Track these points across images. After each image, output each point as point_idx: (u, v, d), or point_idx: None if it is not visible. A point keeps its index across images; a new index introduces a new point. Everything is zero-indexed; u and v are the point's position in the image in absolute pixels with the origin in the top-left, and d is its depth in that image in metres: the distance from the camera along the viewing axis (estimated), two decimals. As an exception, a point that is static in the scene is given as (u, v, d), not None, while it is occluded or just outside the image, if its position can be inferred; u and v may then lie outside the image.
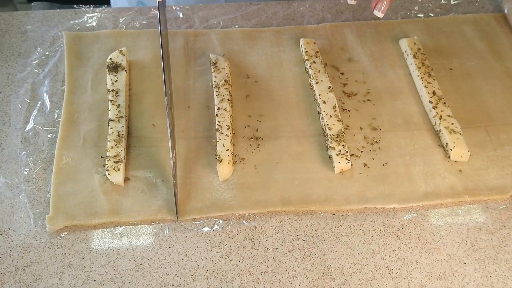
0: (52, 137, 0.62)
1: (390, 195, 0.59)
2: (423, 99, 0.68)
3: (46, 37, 0.74)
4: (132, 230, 0.55)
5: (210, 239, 0.55)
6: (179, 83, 0.69)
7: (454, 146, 0.62)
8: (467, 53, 0.75)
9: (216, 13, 0.79)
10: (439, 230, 0.57)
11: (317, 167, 0.61)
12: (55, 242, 0.54)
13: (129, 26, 0.76)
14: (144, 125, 0.64)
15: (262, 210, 0.57)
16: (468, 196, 0.59)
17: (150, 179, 0.59)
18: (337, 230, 0.56)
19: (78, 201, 0.57)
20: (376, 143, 0.63)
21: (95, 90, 0.67)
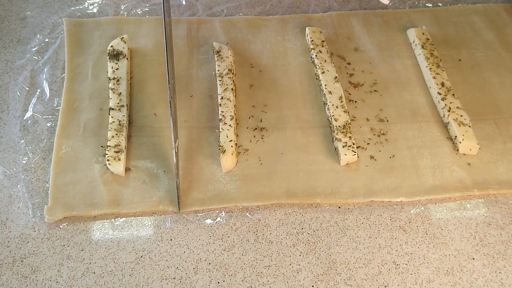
0: (52, 126, 0.61)
1: (397, 188, 0.57)
2: (431, 91, 0.66)
3: (46, 23, 0.72)
4: (133, 221, 0.54)
5: (212, 231, 0.54)
6: (182, 72, 0.67)
7: (463, 139, 0.60)
8: (476, 44, 0.73)
9: (220, 0, 0.77)
10: (447, 225, 0.55)
11: (323, 159, 0.59)
12: (54, 233, 0.53)
13: (131, 13, 0.74)
14: (145, 114, 0.62)
15: (266, 202, 0.56)
16: (477, 190, 0.58)
17: (152, 169, 0.58)
18: (343, 224, 0.55)
19: (77, 191, 0.55)
20: (383, 135, 0.62)
21: (96, 78, 0.65)
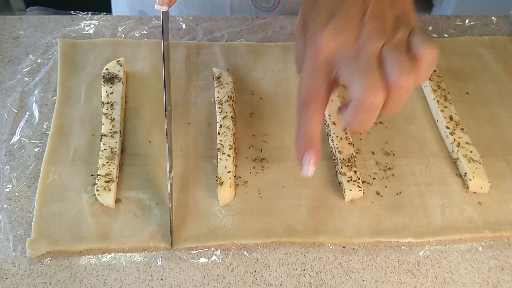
0: (39, 151, 0.57)
1: (404, 228, 0.54)
2: (438, 124, 0.64)
3: (40, 43, 0.69)
4: (122, 258, 0.50)
5: (207, 271, 0.50)
6: (179, 98, 0.64)
7: (473, 176, 0.57)
8: (484, 76, 0.71)
9: (221, 25, 0.75)
10: (458, 269, 0.52)
11: (326, 194, 0.56)
12: (35, 269, 0.49)
13: (128, 35, 0.72)
14: (139, 142, 0.59)
15: (265, 240, 0.52)
16: (489, 231, 0.54)
17: (144, 201, 0.54)
18: (347, 266, 0.51)
19: (63, 223, 0.51)
20: (389, 169, 0.59)
21: (89, 102, 0.62)
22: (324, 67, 0.47)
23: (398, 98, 0.45)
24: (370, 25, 0.46)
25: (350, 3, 0.48)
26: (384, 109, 0.46)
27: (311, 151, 0.48)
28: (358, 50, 0.45)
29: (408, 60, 0.44)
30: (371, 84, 0.43)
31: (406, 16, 0.47)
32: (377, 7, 0.47)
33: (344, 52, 0.46)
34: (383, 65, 0.45)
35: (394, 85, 0.43)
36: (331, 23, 0.47)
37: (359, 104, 0.44)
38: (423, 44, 0.44)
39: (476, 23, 0.79)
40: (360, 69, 0.44)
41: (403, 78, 0.43)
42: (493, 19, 0.79)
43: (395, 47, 0.45)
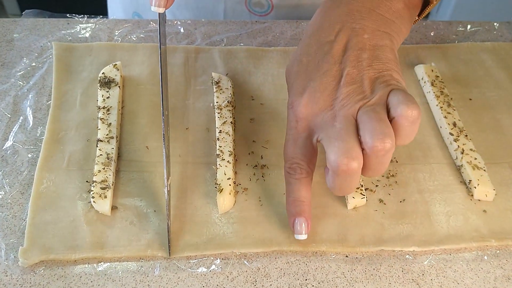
0: (33, 157, 0.56)
1: (409, 236, 0.53)
2: (442, 131, 0.62)
3: (34, 47, 0.68)
4: (118, 267, 0.48)
5: (206, 281, 0.48)
6: (177, 103, 0.63)
7: (478, 184, 0.56)
8: (487, 83, 0.70)
9: (220, 29, 0.73)
10: (463, 278, 0.50)
11: (328, 202, 0.55)
12: (28, 279, 0.47)
13: (125, 39, 0.70)
14: (136, 148, 0.58)
15: (266, 249, 0.51)
16: (495, 240, 0.53)
17: (141, 208, 0.52)
18: (350, 275, 0.50)
19: (57, 231, 0.50)
20: (393, 176, 0.58)
21: (84, 107, 0.61)
22: (304, 134, 0.48)
23: (377, 162, 0.44)
24: (345, 90, 0.46)
25: (326, 68, 0.48)
26: (365, 172, 0.45)
27: (301, 218, 0.49)
28: (335, 115, 0.46)
29: (384, 122, 0.43)
30: (345, 150, 0.43)
31: (386, 76, 0.46)
32: (354, 70, 0.47)
33: (322, 119, 0.47)
34: (359, 129, 0.44)
35: (370, 150, 0.43)
36: (307, 91, 0.48)
37: (334, 171, 0.44)
38: (402, 104, 0.43)
39: (478, 29, 0.78)
40: (336, 135, 0.44)
41: (377, 142, 0.42)
42: (495, 25, 0.79)
43: (371, 109, 0.44)
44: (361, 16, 0.49)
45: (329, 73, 0.47)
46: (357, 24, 0.49)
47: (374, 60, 0.47)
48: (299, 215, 0.49)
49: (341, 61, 0.48)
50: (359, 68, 0.47)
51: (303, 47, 0.51)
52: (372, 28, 0.49)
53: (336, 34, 0.49)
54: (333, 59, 0.48)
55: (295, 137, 0.49)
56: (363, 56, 0.47)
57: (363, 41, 0.48)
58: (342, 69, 0.47)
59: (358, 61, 0.47)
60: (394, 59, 0.48)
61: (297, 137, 0.48)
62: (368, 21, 0.49)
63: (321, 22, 0.51)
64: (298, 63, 0.50)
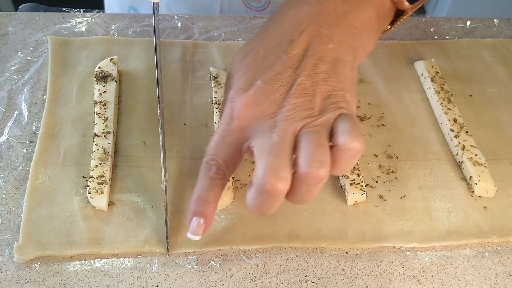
0: (28, 152, 0.55)
1: (409, 232, 0.52)
2: (442, 127, 0.62)
3: (29, 41, 0.67)
4: (115, 263, 0.48)
5: (204, 277, 0.47)
6: (175, 98, 0.62)
7: (479, 180, 0.55)
8: (487, 79, 0.69)
9: (218, 24, 0.73)
10: (464, 275, 0.50)
11: (328, 198, 0.54)
12: (24, 275, 0.46)
13: (122, 33, 0.69)
14: (133, 143, 0.57)
15: (265, 245, 0.50)
16: (496, 237, 0.53)
17: (138, 204, 0.52)
18: (351, 272, 0.49)
19: (53, 227, 0.49)
20: (393, 172, 0.57)
21: (80, 102, 0.60)
22: (235, 135, 0.44)
23: (306, 189, 0.40)
24: (294, 101, 0.42)
25: (279, 69, 0.44)
26: (289, 197, 0.41)
27: (200, 217, 0.45)
28: (273, 127, 0.41)
29: (323, 149, 0.40)
30: (274, 168, 0.39)
31: (338, 96, 0.43)
32: (308, 80, 0.43)
33: (260, 125, 0.42)
34: (296, 149, 0.40)
35: (302, 175, 0.39)
36: (252, 89, 0.43)
37: (258, 187, 0.40)
38: (347, 135, 0.40)
39: (477, 25, 0.77)
40: (270, 148, 0.40)
41: (312, 169, 0.39)
42: (495, 21, 0.78)
43: (315, 131, 0.41)
44: (330, 21, 0.46)
45: (281, 76, 0.43)
46: (325, 29, 0.45)
47: (332, 76, 0.43)
48: (200, 215, 0.45)
49: (297, 67, 0.44)
50: (314, 80, 0.43)
51: (263, 38, 0.47)
52: (339, 38, 0.45)
53: (301, 33, 0.45)
54: (289, 61, 0.44)
55: (225, 135, 0.44)
56: (321, 68, 0.44)
57: (326, 50, 0.44)
58: (296, 75, 0.43)
59: (314, 72, 0.43)
60: (351, 78, 0.45)
61: (226, 135, 0.44)
62: (337, 28, 0.46)
63: (289, 15, 0.47)
64: (253, 54, 0.46)
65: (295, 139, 0.41)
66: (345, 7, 0.47)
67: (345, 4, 0.47)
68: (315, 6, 0.47)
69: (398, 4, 0.50)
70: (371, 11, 0.48)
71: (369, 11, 0.48)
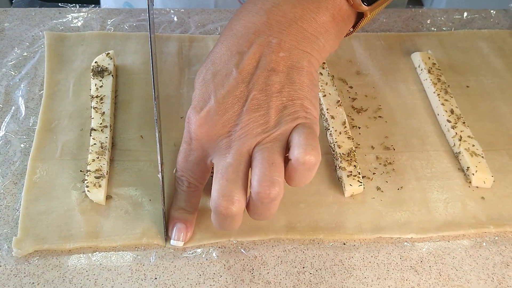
0: (26, 147, 0.55)
1: (406, 223, 0.52)
2: (439, 118, 0.62)
3: (26, 36, 0.67)
4: (113, 257, 0.48)
5: (203, 269, 0.47)
6: (171, 92, 0.62)
7: (476, 170, 0.55)
8: (484, 70, 0.69)
9: (214, 18, 0.73)
10: (462, 265, 0.50)
11: (325, 189, 0.54)
12: (22, 268, 0.46)
13: (118, 28, 0.69)
14: (131, 137, 0.57)
15: (263, 237, 0.50)
16: (493, 227, 0.53)
17: (136, 197, 0.52)
18: (348, 263, 0.49)
19: (51, 221, 0.49)
20: (390, 164, 0.57)
21: (77, 96, 0.60)
22: (196, 153, 0.45)
23: (262, 208, 0.42)
24: (247, 117, 0.42)
25: (231, 86, 0.43)
26: (250, 214, 0.44)
27: (182, 224, 0.47)
28: (229, 147, 0.42)
29: (275, 167, 0.40)
30: (226, 192, 0.41)
31: (296, 106, 0.42)
32: (261, 94, 0.42)
33: (217, 144, 0.43)
34: (252, 168, 0.41)
35: (255, 195, 0.40)
36: (206, 110, 0.43)
37: (213, 210, 0.42)
38: (301, 148, 0.39)
39: (474, 16, 0.77)
40: (223, 171, 0.41)
41: (263, 189, 0.39)
42: (492, 12, 0.78)
43: (267, 149, 0.41)
44: (280, 28, 0.44)
45: (233, 93, 0.43)
46: (274, 38, 0.44)
47: (286, 85, 0.43)
48: (181, 222, 0.47)
49: (249, 81, 0.43)
50: (267, 93, 0.42)
51: (215, 54, 0.46)
52: (290, 45, 0.44)
53: (250, 45, 0.44)
54: (240, 76, 0.43)
55: (187, 153, 0.46)
56: (274, 79, 0.42)
57: (277, 60, 0.43)
58: (249, 91, 0.42)
59: (267, 85, 0.42)
60: (309, 84, 0.44)
61: (189, 153, 0.46)
62: (287, 35, 0.44)
63: (237, 28, 0.46)
64: (205, 70, 0.45)
65: (251, 156, 0.42)
66: (296, 13, 0.45)
67: (296, 9, 0.45)
68: (263, 15, 0.45)
69: (355, 6, 0.47)
70: (326, 15, 0.46)
71: (323, 16, 0.46)
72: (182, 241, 0.47)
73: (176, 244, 0.48)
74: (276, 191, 0.40)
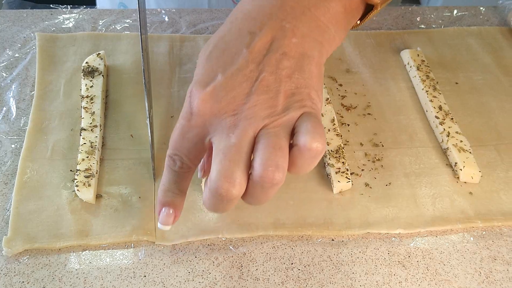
0: (16, 147, 0.55)
1: (395, 219, 0.53)
2: (428, 114, 0.62)
3: (17, 38, 0.67)
4: (103, 255, 0.48)
5: (191, 267, 0.48)
6: (162, 91, 0.62)
7: (464, 166, 0.56)
8: (473, 67, 0.70)
9: (205, 18, 0.73)
10: (449, 260, 0.51)
11: (314, 186, 0.54)
12: (12, 268, 0.47)
13: (109, 29, 0.70)
14: (121, 136, 0.57)
15: (252, 234, 0.50)
16: (481, 222, 0.53)
17: (126, 196, 0.52)
18: (337, 258, 0.50)
19: (41, 220, 0.49)
20: (378, 160, 0.58)
21: (68, 97, 0.60)
22: (195, 131, 0.42)
23: (260, 192, 0.40)
24: (256, 98, 0.40)
25: (241, 64, 0.41)
26: (244, 198, 0.41)
27: (169, 208, 0.45)
28: (234, 126, 0.40)
29: (281, 152, 0.39)
30: (228, 173, 0.38)
31: (303, 94, 0.41)
32: (271, 76, 0.41)
33: (219, 123, 0.41)
34: (254, 151, 0.39)
35: (256, 178, 0.38)
36: (212, 85, 0.41)
37: (211, 191, 0.39)
38: (309, 134, 0.38)
39: (464, 13, 0.78)
40: (226, 151, 0.39)
41: (267, 172, 0.38)
42: (482, 9, 0.79)
43: (274, 133, 0.39)
44: (294, 14, 0.43)
45: (243, 71, 0.41)
46: (287, 23, 0.42)
47: (296, 72, 0.41)
48: (168, 205, 0.45)
49: (259, 62, 0.41)
50: (278, 76, 0.41)
51: (224, 31, 0.44)
52: (303, 32, 0.43)
53: (262, 27, 0.42)
54: (251, 55, 0.41)
55: (185, 130, 0.43)
56: (285, 64, 0.41)
57: (290, 45, 0.42)
58: (259, 71, 0.41)
59: (278, 68, 0.41)
60: (317, 74, 0.43)
61: (187, 130, 0.43)
62: (300, 22, 0.43)
63: (248, 8, 0.44)
64: (213, 46, 0.43)
65: (254, 139, 0.40)
66: (310, 0, 0.44)
67: None
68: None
69: None
70: (338, 5, 0.45)
71: (336, 6, 0.45)
72: (169, 224, 0.45)
73: (163, 228, 0.45)
74: (280, 176, 0.38)
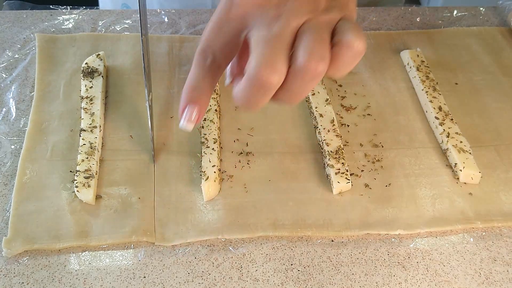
0: (16, 148, 0.55)
1: (394, 220, 0.53)
2: (427, 115, 0.62)
3: (17, 39, 0.67)
4: (102, 256, 0.48)
5: (191, 268, 0.48)
6: (162, 92, 0.62)
7: (464, 167, 0.56)
8: (473, 67, 0.70)
9: (204, 18, 0.73)
10: (449, 261, 0.51)
11: (314, 187, 0.54)
12: (12, 269, 0.47)
13: (109, 29, 0.70)
14: (120, 137, 0.57)
15: (251, 235, 0.50)
16: (480, 222, 0.53)
17: (125, 196, 0.52)
18: (336, 259, 0.50)
19: (41, 221, 0.49)
20: (378, 161, 0.58)
21: (68, 98, 0.60)
22: (233, 24, 0.41)
23: (300, 85, 0.38)
24: None
25: None
26: (279, 94, 0.39)
27: (194, 105, 0.42)
28: (277, 17, 0.39)
29: (325, 44, 0.38)
30: (270, 60, 0.37)
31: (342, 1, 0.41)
32: None
33: (261, 14, 0.39)
34: (296, 44, 0.38)
35: (299, 68, 0.37)
36: None
37: (250, 79, 0.37)
38: (351, 32, 0.38)
39: (464, 14, 0.78)
40: (267, 39, 0.38)
41: (311, 62, 0.36)
42: (481, 10, 0.79)
43: (317, 27, 0.38)
44: None
45: None
46: None
47: None
48: (193, 103, 0.42)
49: None
50: None
51: None
52: None
53: None
54: None
55: (221, 24, 0.41)
56: None
57: None
58: None
59: None
60: None
61: (223, 24, 0.41)
62: None
63: None
64: None
65: (295, 35, 0.38)
66: None
67: None
68: None
69: None
70: None
71: None
72: (192, 122, 0.42)
73: (185, 127, 0.42)
74: (323, 67, 0.37)
